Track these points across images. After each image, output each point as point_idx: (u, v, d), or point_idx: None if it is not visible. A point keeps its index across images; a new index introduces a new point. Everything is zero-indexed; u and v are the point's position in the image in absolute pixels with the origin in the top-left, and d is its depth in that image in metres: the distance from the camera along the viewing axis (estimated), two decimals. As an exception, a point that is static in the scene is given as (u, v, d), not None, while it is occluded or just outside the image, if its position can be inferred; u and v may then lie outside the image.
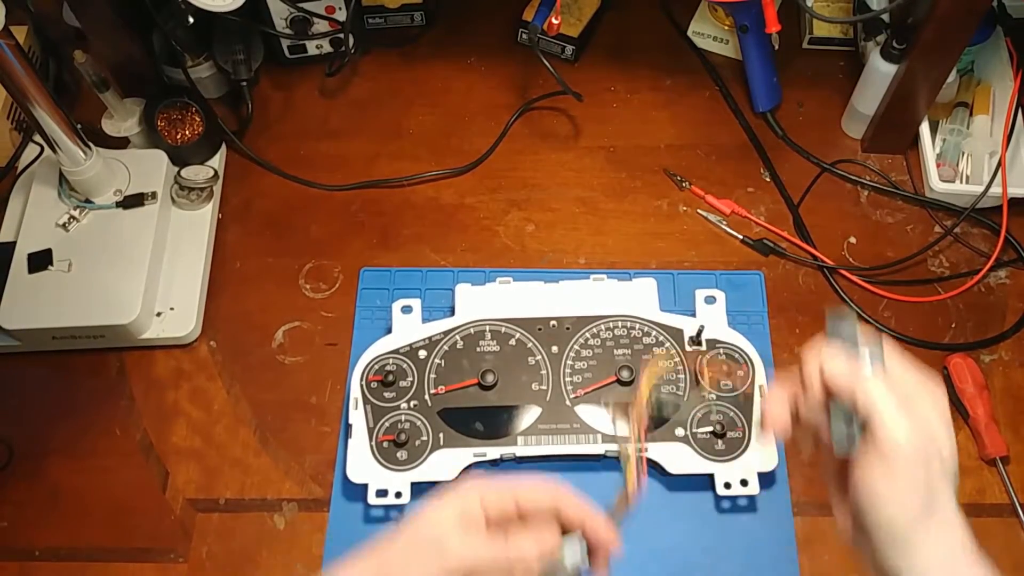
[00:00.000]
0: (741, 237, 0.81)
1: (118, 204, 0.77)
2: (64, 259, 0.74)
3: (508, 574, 0.45)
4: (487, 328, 0.71)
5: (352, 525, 0.67)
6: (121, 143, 0.84)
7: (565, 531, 0.48)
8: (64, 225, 0.76)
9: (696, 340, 0.71)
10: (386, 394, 0.69)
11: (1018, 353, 0.74)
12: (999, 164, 0.76)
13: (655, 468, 0.68)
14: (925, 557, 0.42)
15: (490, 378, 0.68)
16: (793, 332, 0.76)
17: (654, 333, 0.71)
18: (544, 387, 0.69)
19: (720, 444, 0.67)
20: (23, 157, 0.82)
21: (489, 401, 0.69)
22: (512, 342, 0.71)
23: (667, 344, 0.71)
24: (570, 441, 0.68)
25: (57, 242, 0.75)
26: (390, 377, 0.69)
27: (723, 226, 0.82)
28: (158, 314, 0.75)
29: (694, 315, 0.73)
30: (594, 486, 0.66)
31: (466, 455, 0.67)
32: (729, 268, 0.79)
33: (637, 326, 0.72)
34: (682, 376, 0.70)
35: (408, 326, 0.72)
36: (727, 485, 0.66)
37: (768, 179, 0.84)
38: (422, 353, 0.70)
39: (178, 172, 0.80)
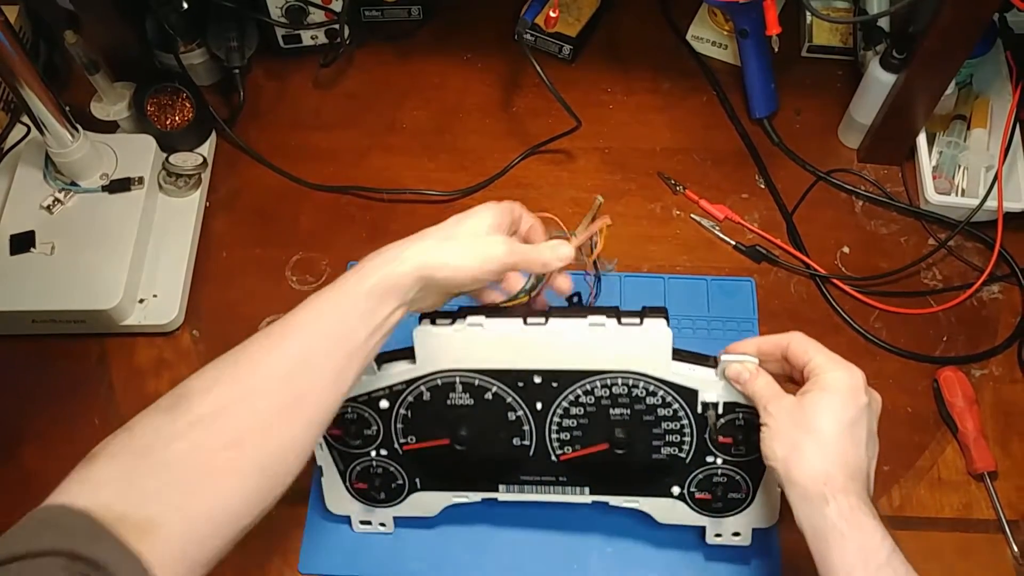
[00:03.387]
0: (734, 243, 0.80)
1: (104, 188, 0.76)
2: (47, 242, 0.73)
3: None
4: (457, 380, 0.59)
5: (333, 519, 0.66)
6: (110, 127, 0.82)
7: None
8: (48, 207, 0.75)
9: (713, 406, 0.59)
10: (351, 441, 0.61)
11: (1009, 368, 0.74)
12: (995, 178, 0.76)
13: (644, 516, 0.64)
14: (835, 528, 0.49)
15: (464, 435, 0.60)
16: (783, 340, 0.75)
17: (661, 393, 0.58)
18: (527, 442, 0.61)
19: (718, 503, 0.62)
20: (9, 137, 0.81)
21: (465, 456, 0.61)
22: (488, 396, 0.59)
23: (675, 405, 0.59)
24: (556, 491, 0.63)
25: (40, 224, 0.74)
26: (352, 428, 0.61)
27: (716, 231, 0.81)
28: (141, 301, 0.74)
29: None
30: (581, 522, 0.65)
31: (446, 497, 0.64)
32: (721, 274, 0.78)
33: (641, 384, 0.58)
34: (688, 438, 0.60)
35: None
36: (718, 535, 0.63)
37: (763, 186, 0.84)
38: (383, 403, 0.60)
39: (166, 158, 0.79)
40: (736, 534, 0.64)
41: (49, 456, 0.70)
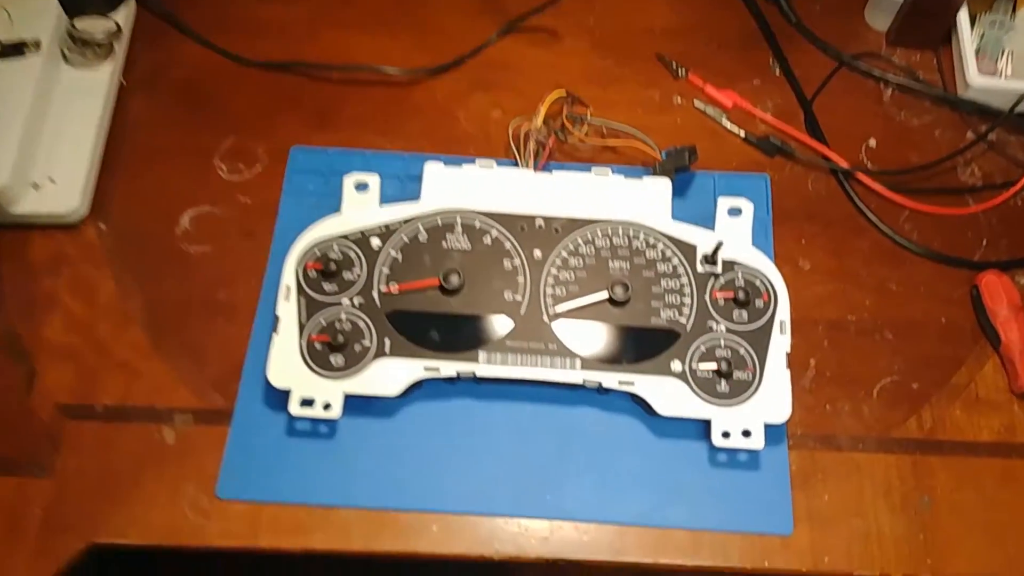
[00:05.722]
0: (743, 134, 0.69)
1: (-8, 52, 0.64)
2: (-82, 112, 0.61)
3: None
4: (458, 219, 0.59)
5: (261, 441, 0.56)
6: (3, -17, 0.70)
7: None
8: (-77, 73, 0.62)
9: (711, 259, 0.59)
10: (326, 286, 0.58)
11: (1059, 275, 0.64)
12: (1047, 59, 0.65)
13: (642, 407, 0.57)
14: None
15: (455, 280, 0.57)
16: (799, 243, 0.65)
17: (660, 246, 0.59)
18: (519, 297, 0.58)
19: (723, 385, 0.56)
20: None
21: (451, 308, 0.57)
22: (487, 240, 0.59)
23: (675, 260, 0.59)
24: (543, 363, 0.56)
25: (-87, 93, 0.62)
26: (332, 266, 0.58)
27: (723, 121, 0.70)
28: (35, 186, 0.62)
29: (712, 227, 0.61)
30: (568, 420, 0.57)
31: (415, 368, 0.55)
32: (728, 168, 0.68)
33: (641, 235, 0.60)
34: (688, 300, 0.58)
35: (361, 208, 0.60)
36: (726, 435, 0.55)
37: (778, 72, 0.73)
38: (375, 242, 0.59)
39: (71, 22, 0.67)
40: (746, 433, 0.55)
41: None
